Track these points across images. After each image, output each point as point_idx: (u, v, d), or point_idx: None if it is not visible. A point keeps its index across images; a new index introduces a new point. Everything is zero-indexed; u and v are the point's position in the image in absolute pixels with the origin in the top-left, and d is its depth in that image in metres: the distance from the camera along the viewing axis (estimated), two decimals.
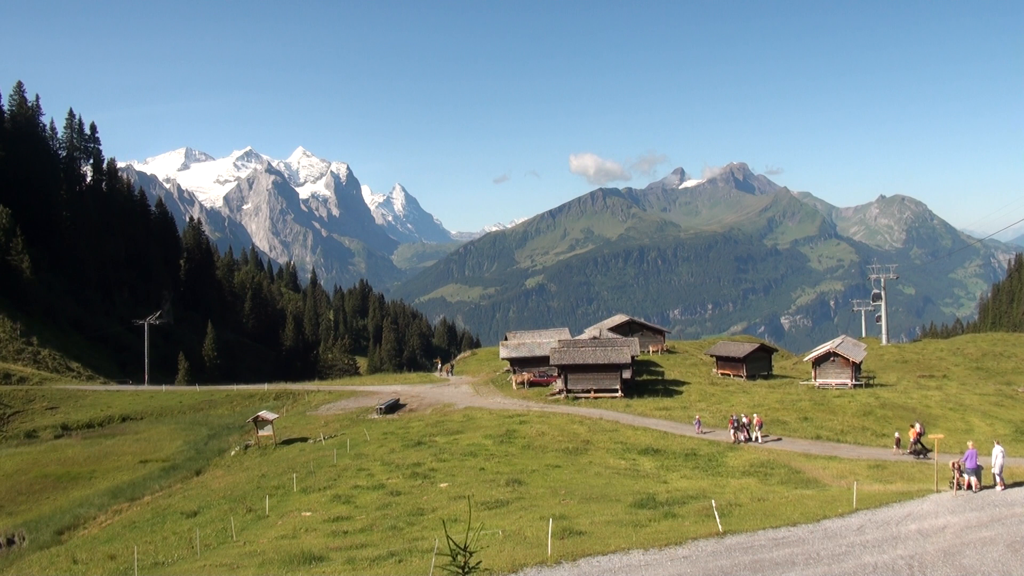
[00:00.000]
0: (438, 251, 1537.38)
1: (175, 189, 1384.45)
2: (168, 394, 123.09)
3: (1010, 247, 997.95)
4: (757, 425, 75.40)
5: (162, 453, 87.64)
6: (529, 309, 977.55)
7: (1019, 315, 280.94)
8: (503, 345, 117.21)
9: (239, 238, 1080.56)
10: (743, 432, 73.58)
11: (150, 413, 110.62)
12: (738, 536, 31.95)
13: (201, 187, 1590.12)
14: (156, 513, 60.27)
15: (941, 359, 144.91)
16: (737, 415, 76.59)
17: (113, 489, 72.59)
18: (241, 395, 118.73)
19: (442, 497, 49.71)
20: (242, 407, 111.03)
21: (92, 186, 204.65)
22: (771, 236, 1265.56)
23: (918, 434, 68.09)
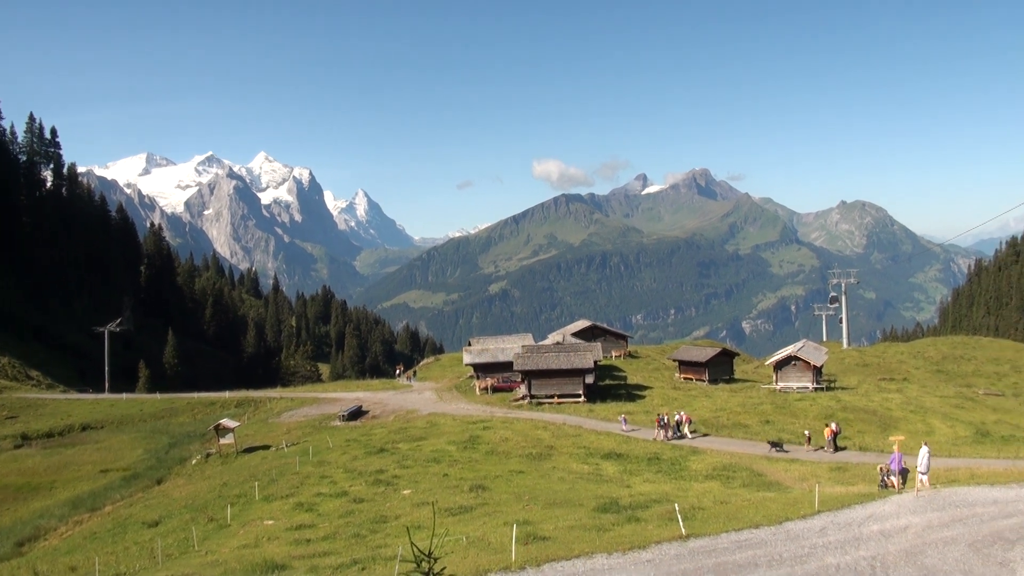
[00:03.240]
0: (401, 257, 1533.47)
1: (136, 194, 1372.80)
2: (129, 402, 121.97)
3: (970, 252, 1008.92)
4: (686, 422, 78.28)
5: (123, 462, 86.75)
6: (492, 315, 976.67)
7: (979, 319, 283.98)
8: (466, 351, 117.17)
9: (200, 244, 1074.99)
10: (668, 430, 75.93)
11: (111, 422, 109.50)
12: (701, 539, 32.08)
13: (162, 192, 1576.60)
14: (117, 523, 59.78)
15: (902, 362, 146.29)
16: (663, 414, 79.05)
17: (74, 499, 71.78)
18: (202, 403, 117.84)
19: (405, 504, 49.61)
20: (203, 415, 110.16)
21: (52, 191, 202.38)
22: (733, 241, 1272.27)
23: (833, 432, 71.67)
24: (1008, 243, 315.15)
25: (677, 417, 78.92)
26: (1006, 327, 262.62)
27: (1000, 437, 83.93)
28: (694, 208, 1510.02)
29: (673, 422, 77.87)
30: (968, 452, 72.97)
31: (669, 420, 77.67)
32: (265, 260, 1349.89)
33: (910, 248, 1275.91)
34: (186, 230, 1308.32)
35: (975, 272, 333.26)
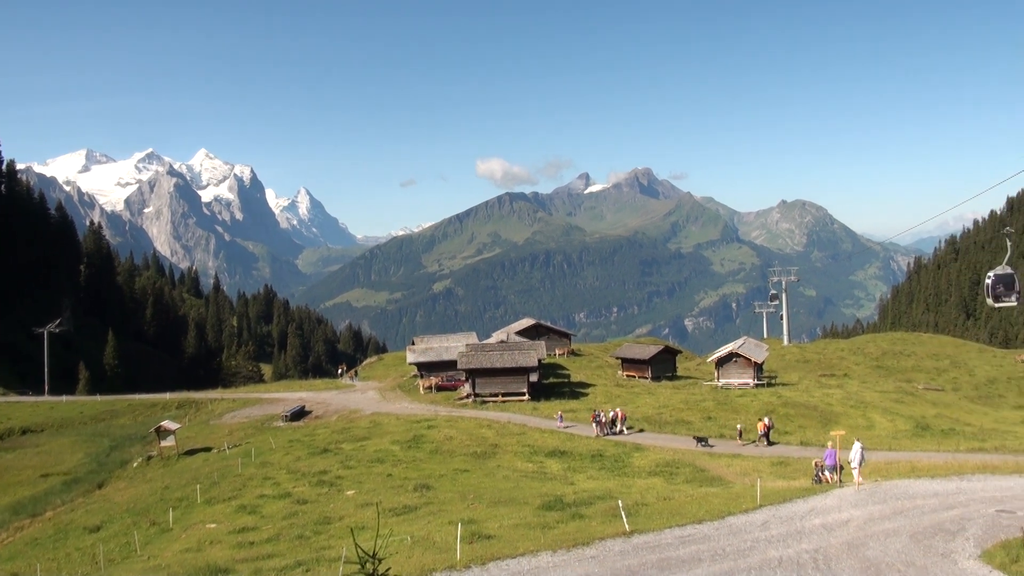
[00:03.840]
0: (344, 255, 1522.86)
1: (75, 192, 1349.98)
2: (69, 405, 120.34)
3: (909, 250, 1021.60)
4: (621, 419, 79.66)
5: (64, 466, 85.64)
6: (436, 313, 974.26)
7: (919, 315, 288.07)
8: (410, 350, 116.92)
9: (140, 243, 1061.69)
10: (604, 426, 77.35)
11: (51, 425, 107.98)
12: (645, 535, 32.17)
13: (102, 190, 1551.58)
14: (59, 529, 58.98)
15: (842, 358, 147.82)
16: (599, 410, 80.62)
17: (14, 505, 70.75)
18: (143, 404, 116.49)
19: (349, 505, 49.38)
20: (144, 417, 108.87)
21: None
22: (675, 240, 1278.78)
23: (766, 427, 73.47)
24: (947, 241, 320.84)
25: (612, 414, 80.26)
26: (945, 323, 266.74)
27: (940, 431, 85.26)
28: (636, 207, 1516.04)
29: (608, 419, 79.04)
30: (908, 446, 74.02)
31: (604, 417, 78.83)
32: (206, 259, 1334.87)
33: (850, 246, 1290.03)
34: (126, 228, 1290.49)
35: (915, 270, 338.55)
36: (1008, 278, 53.97)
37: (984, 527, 32.55)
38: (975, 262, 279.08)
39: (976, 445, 73.27)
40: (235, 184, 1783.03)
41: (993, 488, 42.22)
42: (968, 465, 51.69)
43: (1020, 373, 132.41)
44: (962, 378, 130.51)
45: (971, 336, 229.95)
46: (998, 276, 54.22)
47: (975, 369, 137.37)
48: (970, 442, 76.09)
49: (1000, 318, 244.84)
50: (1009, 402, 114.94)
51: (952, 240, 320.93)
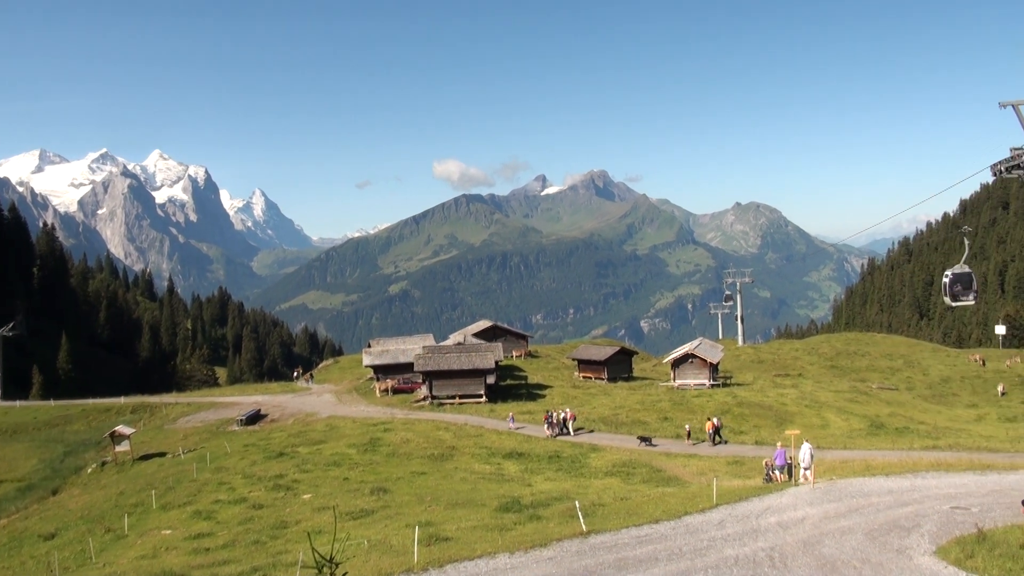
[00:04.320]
0: (299, 257, 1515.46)
1: (28, 193, 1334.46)
2: (22, 410, 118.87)
3: (863, 252, 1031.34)
4: (571, 420, 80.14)
5: (17, 472, 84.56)
6: (393, 315, 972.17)
7: (872, 316, 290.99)
8: (366, 352, 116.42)
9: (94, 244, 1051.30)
10: (556, 427, 77.88)
11: (4, 430, 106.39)
12: (602, 535, 32.20)
13: (55, 191, 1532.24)
14: (12, 537, 58.22)
15: (796, 358, 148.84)
16: (551, 411, 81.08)
17: None
18: (97, 409, 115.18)
19: (306, 509, 49.12)
20: (99, 422, 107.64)
21: None
22: (631, 242, 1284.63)
23: (715, 427, 74.41)
24: (900, 243, 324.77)
25: (563, 415, 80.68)
26: (899, 323, 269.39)
27: (894, 429, 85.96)
28: (593, 209, 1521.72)
29: (559, 419, 79.51)
30: (863, 444, 74.58)
31: (556, 418, 79.33)
32: (160, 261, 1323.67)
33: (804, 248, 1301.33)
34: (80, 230, 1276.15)
35: (868, 271, 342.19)
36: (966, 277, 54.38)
37: (939, 523, 32.83)
38: (928, 263, 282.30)
39: (930, 443, 73.94)
40: (189, 185, 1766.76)
41: (947, 485, 42.62)
42: (922, 463, 52.16)
43: (973, 372, 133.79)
44: (916, 377, 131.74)
45: (925, 336, 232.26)
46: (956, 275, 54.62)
47: (929, 368, 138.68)
48: (924, 440, 76.78)
49: (953, 318, 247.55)
50: (963, 401, 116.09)
51: (905, 241, 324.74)
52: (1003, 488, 41.56)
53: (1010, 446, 72.23)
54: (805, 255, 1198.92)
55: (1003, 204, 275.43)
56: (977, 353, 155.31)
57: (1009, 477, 45.83)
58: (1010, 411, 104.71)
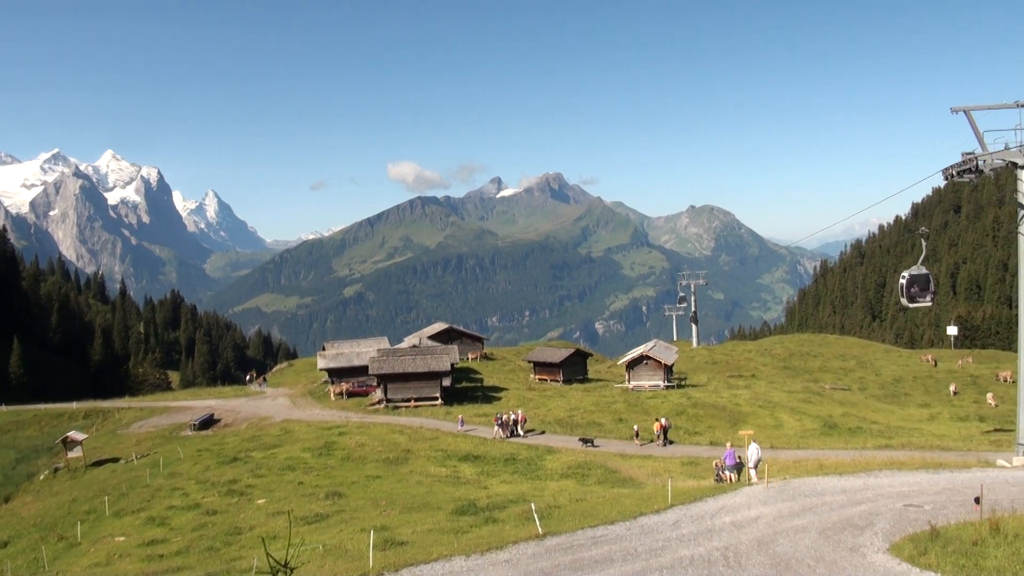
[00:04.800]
0: (253, 260, 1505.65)
1: None
2: None
3: (816, 254, 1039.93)
4: (522, 422, 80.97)
5: None
6: (347, 318, 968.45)
7: (825, 317, 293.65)
8: (321, 355, 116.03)
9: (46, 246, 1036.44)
10: (506, 429, 78.58)
11: None
12: (558, 537, 32.11)
13: (7, 191, 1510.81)
14: None
15: (750, 359, 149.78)
16: (501, 413, 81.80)
17: None
18: (50, 414, 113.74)
19: (260, 514, 48.76)
20: (51, 427, 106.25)
21: None
22: (586, 244, 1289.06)
23: (663, 428, 75.48)
24: (853, 245, 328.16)
25: (513, 416, 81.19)
26: (851, 325, 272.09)
27: (847, 429, 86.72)
28: (548, 211, 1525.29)
29: (510, 421, 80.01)
30: (816, 444, 75.20)
31: (506, 419, 79.81)
32: (112, 263, 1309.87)
33: (757, 251, 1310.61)
34: (31, 232, 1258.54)
35: (821, 273, 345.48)
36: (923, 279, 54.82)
37: (892, 521, 33.01)
38: (881, 265, 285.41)
39: (883, 442, 74.62)
40: (142, 186, 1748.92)
41: (900, 483, 42.90)
42: (875, 462, 52.51)
43: (926, 372, 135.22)
44: (868, 378, 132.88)
45: (877, 337, 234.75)
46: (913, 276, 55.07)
47: (881, 369, 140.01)
48: (877, 439, 77.48)
49: (906, 319, 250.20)
50: (915, 400, 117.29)
51: (858, 244, 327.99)
52: (956, 486, 41.90)
53: (962, 445, 73.11)
54: (758, 257, 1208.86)
55: (955, 207, 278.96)
56: (929, 354, 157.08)
57: (962, 475, 46.23)
58: (962, 410, 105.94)
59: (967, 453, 64.24)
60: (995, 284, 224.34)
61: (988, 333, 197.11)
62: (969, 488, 39.26)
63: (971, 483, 40.95)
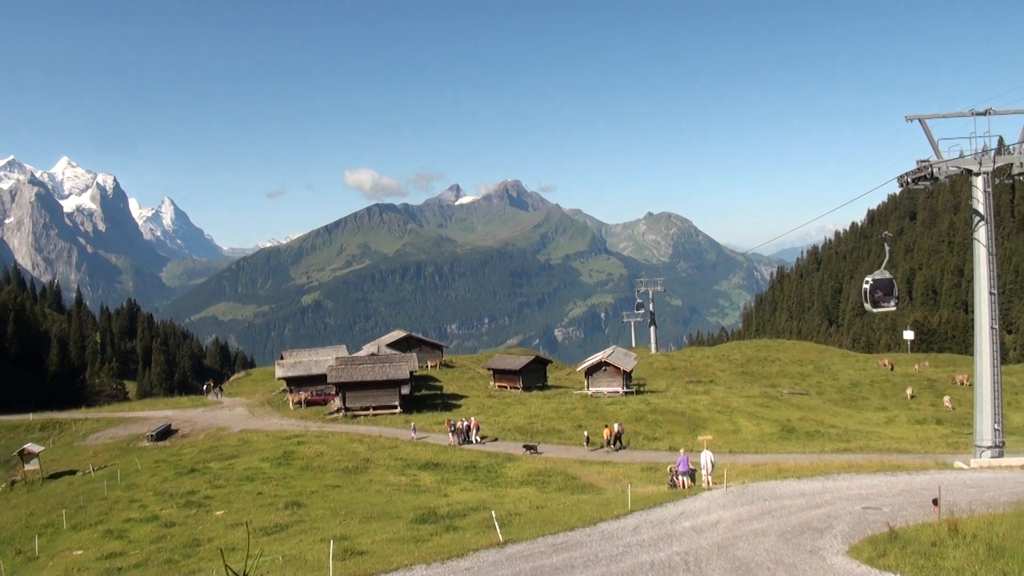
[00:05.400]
0: (209, 268, 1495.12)
1: None
2: None
3: (772, 260, 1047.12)
4: (475, 428, 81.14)
5: None
6: (305, 327, 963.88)
7: (782, 323, 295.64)
8: (279, 364, 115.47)
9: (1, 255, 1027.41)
10: (459, 436, 78.92)
11: None
12: (518, 544, 32.12)
13: None
14: None
15: (708, 365, 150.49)
16: (453, 420, 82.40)
17: None
18: (5, 426, 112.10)
19: (219, 525, 48.38)
20: (7, 439, 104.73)
21: None
22: (544, 251, 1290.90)
23: (614, 433, 76.63)
24: (809, 252, 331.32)
25: (467, 423, 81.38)
26: (808, 330, 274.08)
27: (805, 433, 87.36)
28: (506, 219, 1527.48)
29: (463, 428, 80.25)
30: (775, 448, 75.70)
31: (460, 426, 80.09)
32: (68, 272, 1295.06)
33: (714, 257, 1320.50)
34: None
35: (777, 279, 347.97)
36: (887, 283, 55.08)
37: (851, 523, 33.26)
38: (837, 271, 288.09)
39: (841, 446, 75.26)
40: (98, 194, 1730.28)
41: (859, 486, 43.24)
42: (834, 465, 52.90)
43: (883, 376, 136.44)
44: (826, 382, 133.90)
45: (834, 342, 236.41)
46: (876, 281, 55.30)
47: (838, 373, 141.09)
48: (835, 443, 78.12)
49: (862, 324, 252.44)
50: (872, 404, 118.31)
51: (814, 250, 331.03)
52: (913, 488, 42.28)
53: (920, 447, 73.97)
54: (716, 264, 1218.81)
55: (910, 214, 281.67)
56: (886, 358, 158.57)
57: (919, 477, 46.67)
58: (919, 413, 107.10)
59: (925, 456, 64.83)
60: (951, 289, 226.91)
61: (944, 337, 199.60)
62: (927, 490, 39.61)
63: (929, 485, 41.33)
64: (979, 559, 24.38)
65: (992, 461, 54.00)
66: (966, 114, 54.27)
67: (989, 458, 54.26)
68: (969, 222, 58.56)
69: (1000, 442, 54.87)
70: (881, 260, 65.03)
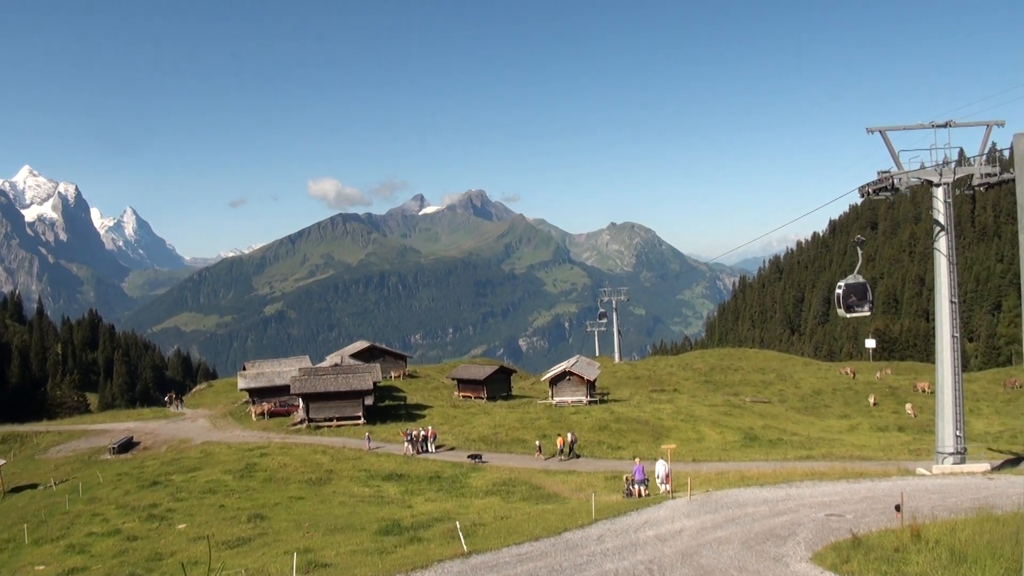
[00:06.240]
0: (171, 278, 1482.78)
1: None
2: None
3: (735, 270, 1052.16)
4: (432, 437, 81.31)
5: None
6: (268, 337, 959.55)
7: (745, 331, 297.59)
8: (241, 375, 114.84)
9: None
10: (417, 445, 79.00)
11: None
12: (483, 555, 32.08)
13: None
14: None
15: (672, 374, 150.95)
16: (410, 430, 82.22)
17: None
18: None
19: (181, 539, 48.00)
20: None
21: None
22: (508, 261, 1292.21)
23: (566, 442, 76.48)
24: (771, 261, 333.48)
25: (423, 433, 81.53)
26: (771, 338, 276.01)
27: (768, 441, 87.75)
28: (471, 228, 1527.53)
29: (419, 437, 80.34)
30: (738, 456, 75.98)
31: (416, 435, 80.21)
32: (29, 282, 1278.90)
33: (678, 267, 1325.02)
34: None
35: (740, 289, 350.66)
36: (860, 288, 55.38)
37: (814, 530, 33.47)
38: (799, 281, 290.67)
39: (804, 453, 75.64)
40: (60, 203, 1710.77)
41: (821, 493, 43.52)
42: (796, 472, 53.18)
43: (845, 384, 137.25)
44: (788, 390, 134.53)
45: (796, 350, 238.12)
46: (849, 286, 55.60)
47: (800, 381, 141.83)
48: (798, 451, 78.51)
49: (824, 333, 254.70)
50: (834, 411, 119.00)
51: (776, 260, 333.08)
52: (876, 495, 42.59)
53: (882, 454, 74.50)
54: (679, 273, 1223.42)
55: (872, 224, 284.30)
56: (848, 366, 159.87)
57: (882, 484, 47.01)
58: (881, 421, 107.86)
59: (887, 462, 65.31)
60: (912, 298, 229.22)
61: (906, 345, 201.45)
62: (890, 496, 39.90)
63: (892, 491, 41.60)
64: (942, 564, 24.62)
65: (954, 467, 54.54)
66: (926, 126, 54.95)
67: (951, 464, 54.82)
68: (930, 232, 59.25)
69: (962, 448, 55.47)
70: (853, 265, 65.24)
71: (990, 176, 53.89)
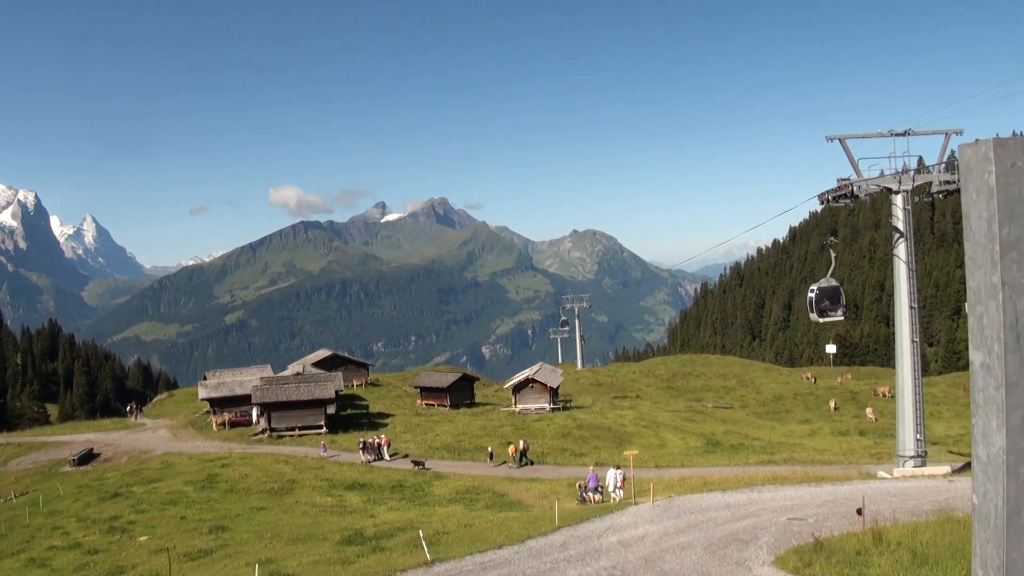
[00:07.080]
0: (131, 287, 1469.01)
1: None
2: None
3: (696, 277, 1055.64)
4: (386, 445, 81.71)
5: None
6: (229, 346, 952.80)
7: (706, 338, 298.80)
8: (202, 385, 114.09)
9: None
10: (372, 453, 79.37)
11: None
12: (446, 563, 32.03)
13: None
14: None
15: (634, 380, 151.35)
16: (364, 438, 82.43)
17: None
18: None
19: (142, 551, 47.58)
20: None
21: None
22: (471, 269, 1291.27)
23: (518, 449, 77.73)
24: (732, 268, 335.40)
25: (377, 441, 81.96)
26: (732, 345, 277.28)
27: (730, 446, 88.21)
28: (433, 236, 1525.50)
29: (374, 445, 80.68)
30: (700, 461, 76.32)
31: (370, 443, 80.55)
32: None
33: (639, 274, 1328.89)
34: None
35: (701, 295, 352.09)
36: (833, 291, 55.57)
37: (776, 534, 33.64)
38: (759, 287, 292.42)
39: (766, 458, 76.11)
40: (19, 211, 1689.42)
41: (783, 497, 43.77)
42: (758, 477, 53.48)
43: (806, 389, 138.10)
44: (749, 396, 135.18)
45: (757, 356, 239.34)
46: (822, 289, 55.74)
47: (762, 387, 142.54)
48: (760, 455, 79.01)
49: (785, 339, 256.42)
50: (796, 416, 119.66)
51: (737, 267, 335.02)
52: (838, 499, 42.90)
53: (843, 458, 75.08)
54: (640, 280, 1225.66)
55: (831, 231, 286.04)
56: (809, 371, 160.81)
57: (843, 488, 47.36)
58: (842, 425, 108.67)
59: (848, 466, 65.87)
60: (872, 303, 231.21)
61: (866, 350, 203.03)
62: (851, 500, 40.19)
63: (853, 495, 41.92)
64: (903, 566, 24.80)
65: (915, 470, 55.03)
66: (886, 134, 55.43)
67: (912, 467, 55.29)
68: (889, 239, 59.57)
69: (922, 452, 55.97)
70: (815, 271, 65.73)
71: (949, 184, 54.41)
